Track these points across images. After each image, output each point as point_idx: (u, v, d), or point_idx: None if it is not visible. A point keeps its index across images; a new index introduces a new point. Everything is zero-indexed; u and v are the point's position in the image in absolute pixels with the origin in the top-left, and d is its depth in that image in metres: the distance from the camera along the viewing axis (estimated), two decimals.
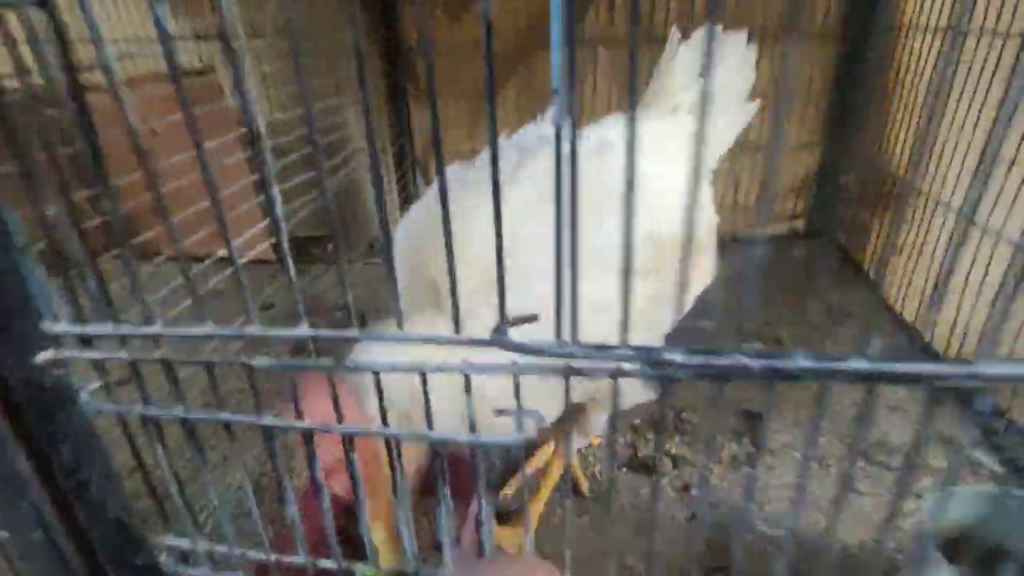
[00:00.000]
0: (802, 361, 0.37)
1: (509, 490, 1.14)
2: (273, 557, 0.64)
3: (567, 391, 0.52)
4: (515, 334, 0.47)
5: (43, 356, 0.57)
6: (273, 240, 0.52)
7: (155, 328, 0.51)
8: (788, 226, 2.13)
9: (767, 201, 0.51)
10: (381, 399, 0.53)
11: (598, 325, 0.72)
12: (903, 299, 1.63)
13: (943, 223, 1.51)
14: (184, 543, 0.71)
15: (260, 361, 0.54)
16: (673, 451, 1.24)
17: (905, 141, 1.67)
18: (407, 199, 2.17)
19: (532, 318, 0.50)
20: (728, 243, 1.14)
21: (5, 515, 0.70)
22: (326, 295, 1.92)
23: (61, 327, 0.52)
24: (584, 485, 1.17)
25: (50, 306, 0.55)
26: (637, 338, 0.45)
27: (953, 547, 0.85)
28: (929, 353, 1.50)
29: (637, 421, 1.33)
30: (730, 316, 1.58)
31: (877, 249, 1.73)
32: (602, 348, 0.46)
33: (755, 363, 0.45)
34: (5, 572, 1.02)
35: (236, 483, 1.15)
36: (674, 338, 0.92)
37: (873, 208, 1.77)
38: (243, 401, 1.35)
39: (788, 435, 1.28)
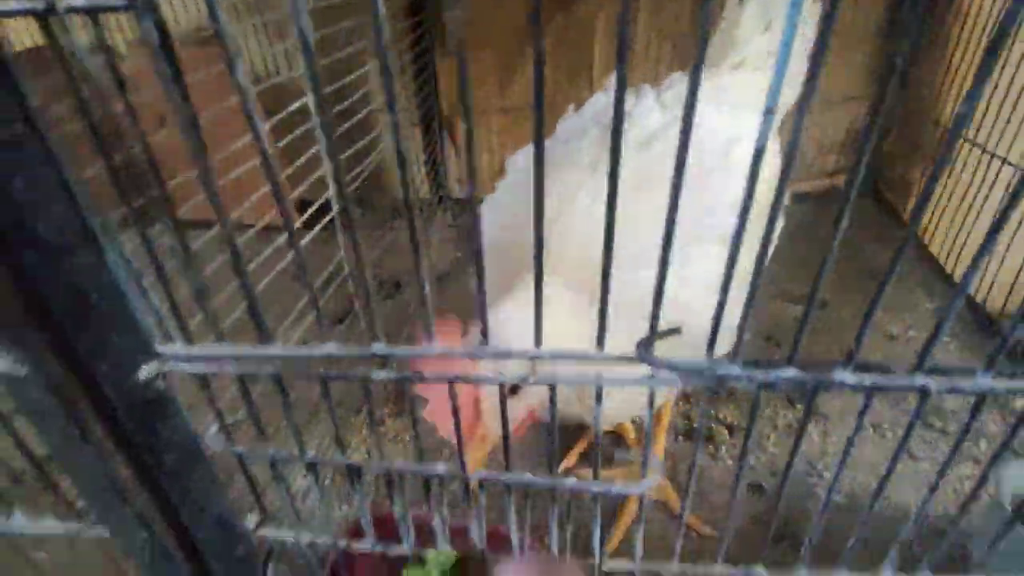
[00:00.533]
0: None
1: (568, 462, 1.15)
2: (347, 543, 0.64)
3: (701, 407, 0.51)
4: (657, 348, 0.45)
5: (146, 371, 0.55)
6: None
7: (275, 350, 0.49)
8: (829, 183, 2.07)
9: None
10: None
11: (710, 308, 0.70)
12: (953, 257, 1.60)
13: (996, 177, 1.46)
14: (282, 533, 0.72)
15: (378, 374, 0.52)
16: (728, 419, 1.24)
17: (960, 91, 1.59)
18: (434, 162, 2.09)
19: (676, 331, 0.47)
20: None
21: (109, 520, 0.71)
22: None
23: (172, 349, 0.50)
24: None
25: (152, 326, 0.52)
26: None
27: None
28: (979, 313, 1.48)
29: (688, 389, 1.33)
30: (777, 277, 1.55)
31: (925, 207, 1.68)
32: (758, 365, 0.44)
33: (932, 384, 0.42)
34: (105, 565, 1.04)
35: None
36: None
37: (922, 163, 1.71)
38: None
39: (842, 402, 1.28)
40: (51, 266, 0.47)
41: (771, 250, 0.40)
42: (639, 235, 0.66)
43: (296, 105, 1.04)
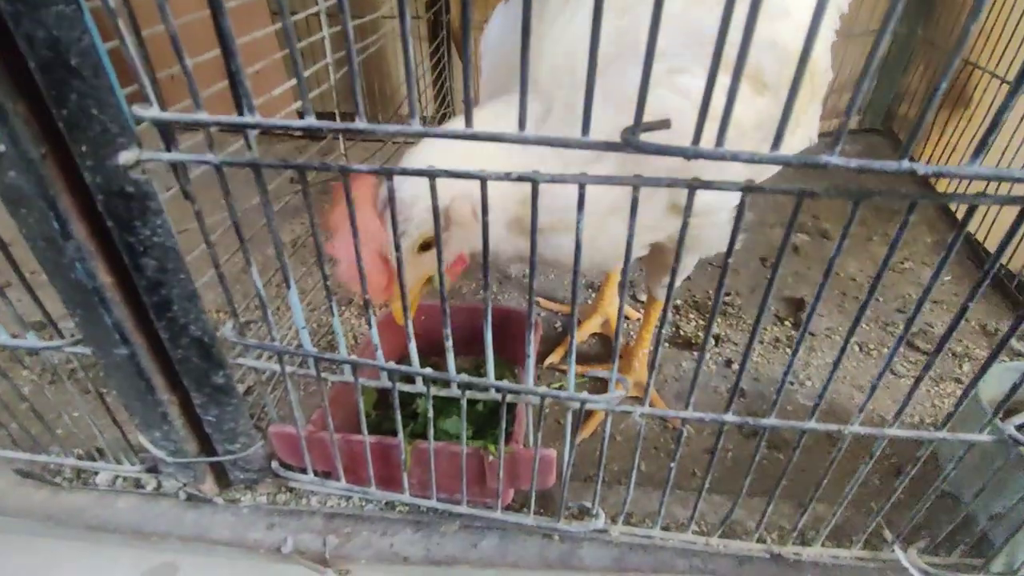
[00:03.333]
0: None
1: (556, 357, 1.16)
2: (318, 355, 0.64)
3: (688, 207, 0.50)
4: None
5: (125, 156, 0.54)
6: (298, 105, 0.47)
7: (251, 118, 0.48)
8: (840, 123, 2.02)
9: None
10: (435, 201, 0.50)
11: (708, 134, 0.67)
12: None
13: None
14: (260, 364, 0.72)
15: (359, 167, 0.51)
16: (716, 330, 1.25)
17: (991, 28, 1.54)
18: (441, 80, 2.04)
19: (665, 124, 0.46)
20: None
21: (89, 330, 0.71)
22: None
23: (149, 112, 0.48)
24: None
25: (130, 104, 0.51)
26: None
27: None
28: (980, 252, 1.47)
29: (679, 302, 1.33)
30: (774, 209, 1.54)
31: (939, 147, 1.65)
32: (752, 154, 0.43)
33: (920, 168, 0.42)
34: (89, 391, 1.06)
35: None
36: None
37: (942, 103, 1.66)
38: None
39: (830, 320, 1.28)
40: (31, 16, 0.45)
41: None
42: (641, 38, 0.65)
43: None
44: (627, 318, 1.30)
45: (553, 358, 1.17)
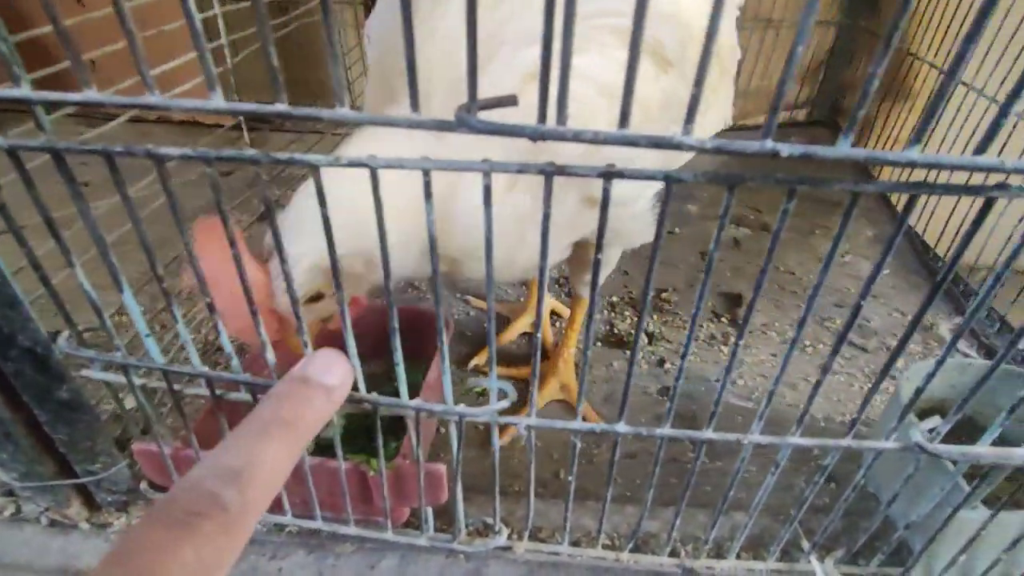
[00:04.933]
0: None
1: (480, 359, 1.10)
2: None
3: (605, 200, 0.44)
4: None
5: None
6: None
7: (32, 92, 0.40)
8: (788, 116, 2.01)
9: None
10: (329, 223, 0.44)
11: (600, 114, 0.61)
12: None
13: (959, 105, 1.41)
14: (109, 377, 0.64)
15: (171, 151, 0.43)
16: (650, 328, 1.20)
17: (929, 19, 1.52)
18: None
19: (510, 100, 0.40)
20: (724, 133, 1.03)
21: None
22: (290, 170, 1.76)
23: None
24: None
25: None
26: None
27: (928, 416, 0.84)
28: (918, 245, 1.46)
29: (615, 299, 1.28)
30: (715, 202, 1.50)
31: (881, 139, 1.63)
32: (596, 133, 0.37)
33: (784, 148, 0.36)
34: None
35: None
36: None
37: (884, 94, 1.65)
38: None
39: (766, 316, 1.25)
40: None
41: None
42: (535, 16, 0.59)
43: None
44: (558, 316, 1.24)
45: (477, 360, 1.10)
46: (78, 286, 0.52)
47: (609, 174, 0.41)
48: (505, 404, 0.57)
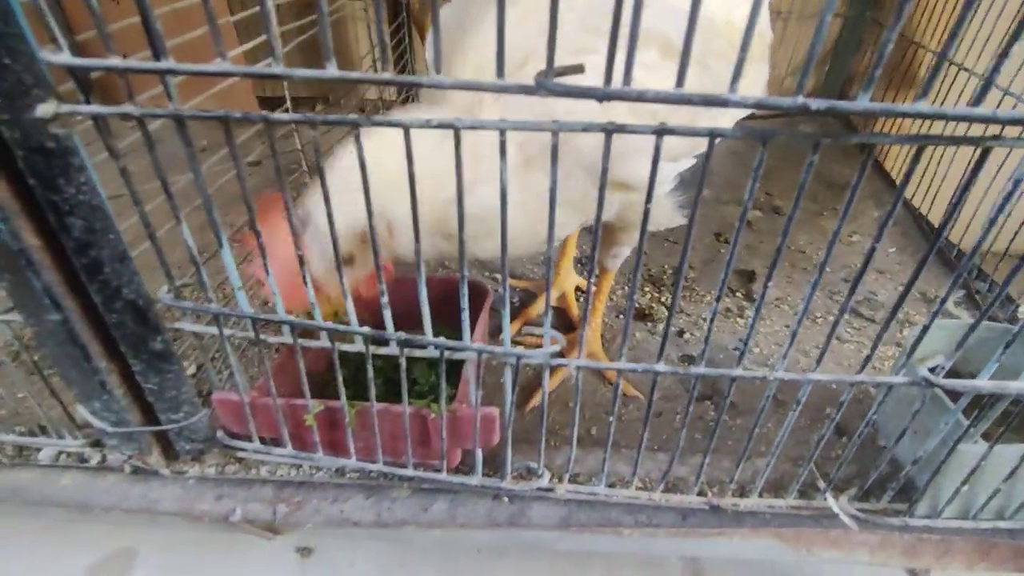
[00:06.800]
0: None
1: (513, 329, 1.17)
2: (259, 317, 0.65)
3: (606, 152, 0.51)
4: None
5: (43, 109, 0.53)
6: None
7: (167, 63, 0.47)
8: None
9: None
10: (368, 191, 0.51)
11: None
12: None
13: (962, 92, 1.47)
14: (199, 328, 0.72)
15: (280, 115, 0.51)
16: (665, 300, 1.27)
17: (932, 8, 1.59)
18: (403, 61, 2.02)
19: (578, 68, 0.47)
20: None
21: (18, 296, 0.69)
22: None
23: (59, 57, 0.48)
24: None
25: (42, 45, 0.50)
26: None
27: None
28: (925, 227, 1.52)
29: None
30: (729, 187, 1.59)
31: (885, 127, 1.70)
32: (657, 92, 0.45)
33: (813, 103, 0.43)
34: (25, 363, 1.03)
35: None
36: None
37: (889, 82, 1.72)
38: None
39: (779, 291, 1.32)
40: None
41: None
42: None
43: None
44: (582, 291, 1.32)
45: (511, 330, 1.18)
46: (175, 244, 0.59)
47: (662, 131, 0.49)
48: (556, 348, 0.64)
